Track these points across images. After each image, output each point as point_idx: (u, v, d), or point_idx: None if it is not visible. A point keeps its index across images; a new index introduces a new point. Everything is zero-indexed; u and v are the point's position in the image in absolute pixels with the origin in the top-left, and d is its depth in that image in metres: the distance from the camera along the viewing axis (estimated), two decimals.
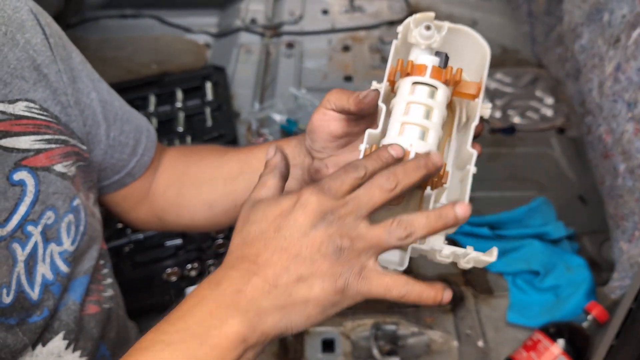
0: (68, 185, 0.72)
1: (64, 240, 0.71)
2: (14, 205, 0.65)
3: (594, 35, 1.08)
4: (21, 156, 0.66)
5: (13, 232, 0.65)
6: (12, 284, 0.64)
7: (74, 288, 0.75)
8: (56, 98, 0.71)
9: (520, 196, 1.49)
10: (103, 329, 0.81)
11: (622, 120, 0.95)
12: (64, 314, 0.74)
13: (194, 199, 0.88)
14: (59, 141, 0.71)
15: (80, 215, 0.74)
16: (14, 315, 0.64)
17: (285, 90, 1.84)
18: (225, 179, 0.86)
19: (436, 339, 1.19)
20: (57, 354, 0.72)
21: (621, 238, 0.93)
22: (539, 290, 1.23)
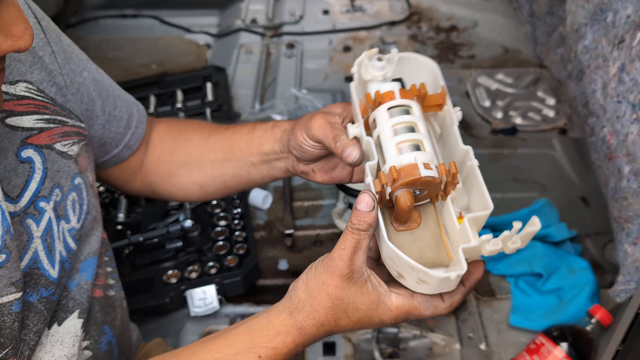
0: (69, 164, 0.74)
1: (71, 218, 0.74)
2: (25, 182, 0.67)
3: (597, 36, 1.07)
4: (26, 134, 0.69)
5: (26, 208, 0.67)
6: (22, 258, 0.65)
7: (85, 268, 0.78)
8: (51, 80, 0.73)
9: (522, 197, 1.48)
10: (107, 315, 0.83)
11: (627, 121, 0.94)
12: (78, 293, 0.76)
13: (185, 178, 0.92)
14: (56, 121, 0.73)
15: (83, 194, 0.77)
16: (28, 291, 0.65)
17: (285, 90, 1.84)
18: (212, 162, 0.89)
19: (438, 342, 1.18)
20: (74, 333, 0.74)
21: (626, 241, 0.92)
22: (542, 292, 1.22)
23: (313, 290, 0.64)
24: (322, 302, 0.64)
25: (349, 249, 0.62)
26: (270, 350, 0.64)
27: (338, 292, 0.63)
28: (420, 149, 0.62)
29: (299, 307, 0.64)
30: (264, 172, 0.87)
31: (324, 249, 1.38)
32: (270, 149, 0.84)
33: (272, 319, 0.65)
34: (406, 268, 0.60)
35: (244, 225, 1.37)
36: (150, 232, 1.33)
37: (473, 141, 1.66)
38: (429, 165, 0.61)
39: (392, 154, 0.62)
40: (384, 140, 0.63)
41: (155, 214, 1.41)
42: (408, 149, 0.62)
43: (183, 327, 1.21)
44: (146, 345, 1.07)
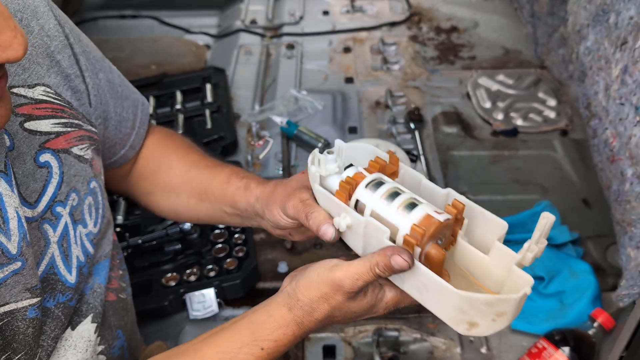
0: (85, 167, 0.74)
1: (88, 222, 0.74)
2: (43, 187, 0.67)
3: (600, 37, 1.06)
4: (44, 139, 0.69)
5: (43, 213, 0.67)
6: (40, 264, 0.65)
7: (98, 271, 0.78)
8: (67, 84, 0.73)
9: (524, 199, 1.47)
10: (120, 319, 0.83)
11: (630, 124, 0.94)
12: (91, 297, 0.75)
13: (162, 202, 0.94)
14: (73, 125, 0.73)
15: (98, 198, 0.77)
16: (45, 297, 0.65)
17: (285, 91, 1.83)
18: (188, 196, 0.91)
19: (439, 345, 1.18)
20: (87, 338, 0.73)
21: (629, 245, 0.92)
22: (543, 296, 1.21)
23: (314, 297, 0.67)
24: (322, 308, 0.67)
25: (361, 281, 0.65)
26: (272, 343, 0.67)
27: (339, 305, 0.67)
28: (418, 204, 0.64)
29: (298, 306, 0.68)
30: (237, 221, 0.89)
31: (324, 251, 1.37)
32: (244, 208, 0.84)
33: (272, 312, 0.68)
34: (482, 309, 0.59)
35: (243, 228, 1.36)
36: (149, 234, 1.32)
37: (474, 143, 1.65)
38: (439, 211, 0.63)
39: (400, 218, 0.64)
40: (383, 212, 0.65)
41: (154, 217, 1.39)
42: (410, 208, 0.64)
43: (182, 330, 1.20)
44: (147, 348, 1.07)
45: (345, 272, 0.65)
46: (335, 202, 0.67)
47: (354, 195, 0.67)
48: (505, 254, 0.63)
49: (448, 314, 0.61)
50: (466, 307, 0.59)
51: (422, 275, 0.60)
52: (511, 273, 0.63)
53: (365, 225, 0.64)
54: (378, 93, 1.83)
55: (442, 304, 0.61)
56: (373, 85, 1.86)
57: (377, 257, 0.63)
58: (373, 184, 0.67)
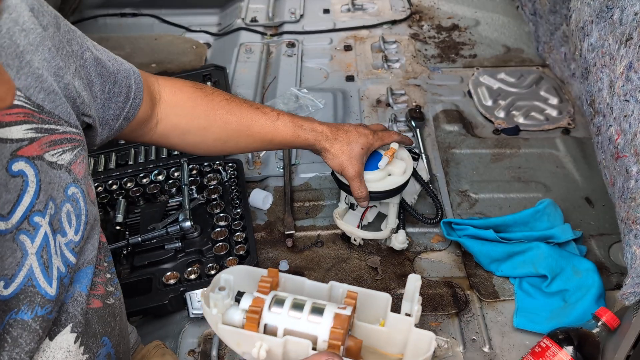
0: (59, 174, 0.71)
1: (67, 231, 0.71)
2: (17, 197, 0.64)
3: (604, 34, 1.05)
4: (16, 146, 0.65)
5: (19, 224, 0.64)
6: (16, 276, 0.63)
7: (79, 279, 0.75)
8: (39, 85, 0.70)
9: (526, 198, 1.47)
10: (106, 325, 0.80)
11: (635, 120, 0.93)
12: (71, 306, 0.73)
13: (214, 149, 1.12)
14: (42, 130, 0.70)
15: (79, 205, 0.74)
16: (22, 309, 0.63)
17: (286, 89, 1.82)
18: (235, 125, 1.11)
19: (441, 344, 1.17)
20: (66, 349, 0.71)
21: (634, 243, 0.91)
22: (546, 294, 1.20)
23: None
24: None
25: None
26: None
27: None
28: (322, 307, 0.70)
29: None
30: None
31: (325, 249, 1.36)
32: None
33: None
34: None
35: (244, 226, 1.35)
36: (149, 232, 1.31)
37: (475, 141, 1.65)
38: (340, 306, 0.70)
39: (314, 326, 0.69)
40: (295, 326, 0.69)
41: (154, 215, 1.39)
42: (319, 313, 0.69)
43: (183, 329, 1.19)
44: (144, 348, 1.06)
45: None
46: (247, 334, 0.69)
47: (262, 320, 0.69)
48: (400, 319, 0.74)
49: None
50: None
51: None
52: (412, 333, 0.73)
53: (284, 345, 0.67)
54: (379, 91, 1.82)
55: None
56: (374, 84, 1.86)
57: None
58: (274, 303, 0.70)
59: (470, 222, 1.33)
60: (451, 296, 1.24)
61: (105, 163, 1.54)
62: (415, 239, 1.38)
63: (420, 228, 1.40)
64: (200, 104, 1.07)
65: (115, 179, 1.47)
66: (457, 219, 1.37)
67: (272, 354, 0.68)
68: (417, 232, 1.39)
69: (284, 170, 1.56)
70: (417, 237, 1.38)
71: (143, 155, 1.55)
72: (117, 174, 1.50)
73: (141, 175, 1.48)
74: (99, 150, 1.58)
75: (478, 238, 1.29)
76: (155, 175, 1.47)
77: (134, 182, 1.46)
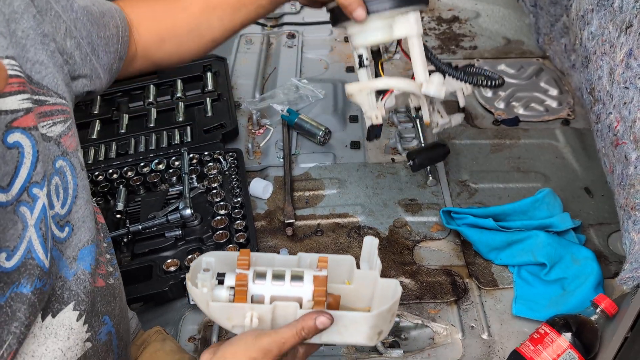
0: (49, 146, 0.70)
1: (55, 204, 0.70)
2: (14, 169, 0.63)
3: (604, 22, 1.06)
4: (11, 117, 0.63)
5: (18, 196, 0.63)
6: (18, 248, 0.63)
7: (83, 257, 0.75)
8: (24, 55, 0.68)
9: (525, 188, 1.47)
10: (107, 305, 0.81)
11: (634, 107, 0.93)
12: (74, 284, 0.73)
13: (195, 43, 1.04)
14: (34, 101, 0.68)
15: (67, 178, 0.73)
16: (22, 282, 0.63)
17: (286, 80, 1.82)
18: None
19: (440, 331, 1.17)
20: (68, 326, 0.71)
21: (632, 229, 0.91)
22: (545, 282, 1.21)
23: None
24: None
25: (288, 345, 0.72)
26: None
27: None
28: (301, 273, 0.75)
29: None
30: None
31: (325, 238, 1.36)
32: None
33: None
34: (385, 316, 0.74)
35: (244, 214, 1.36)
36: (150, 220, 1.31)
37: (475, 131, 1.65)
38: (316, 270, 0.75)
39: (298, 290, 0.74)
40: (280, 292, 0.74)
41: (155, 203, 1.39)
42: (299, 279, 0.74)
43: (183, 316, 1.20)
44: (145, 333, 1.06)
45: (272, 338, 0.71)
46: (238, 307, 0.73)
47: (249, 293, 0.74)
48: (365, 274, 0.80)
49: (365, 335, 0.74)
50: (377, 322, 0.73)
51: (343, 319, 0.73)
52: (377, 284, 0.78)
53: (273, 310, 0.73)
54: None
55: (360, 331, 0.74)
56: None
57: (301, 323, 0.72)
58: (257, 277, 0.75)
59: (469, 211, 1.33)
60: (450, 284, 1.25)
61: (105, 152, 1.54)
62: (414, 228, 1.38)
63: (419, 217, 1.40)
64: (159, 8, 1.03)
65: (115, 167, 1.48)
66: (457, 207, 1.37)
67: (263, 320, 0.73)
68: (417, 222, 1.40)
69: (284, 160, 1.56)
70: (417, 227, 1.38)
71: (143, 144, 1.55)
72: (118, 163, 1.50)
73: (141, 164, 1.48)
74: (100, 140, 1.59)
75: (477, 227, 1.30)
76: (156, 164, 1.48)
77: (135, 171, 1.46)
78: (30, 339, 0.67)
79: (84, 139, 1.59)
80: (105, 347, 0.80)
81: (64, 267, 0.72)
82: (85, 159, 1.52)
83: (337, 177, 1.51)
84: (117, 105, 1.71)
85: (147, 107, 1.69)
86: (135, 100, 1.73)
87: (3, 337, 0.61)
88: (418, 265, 1.29)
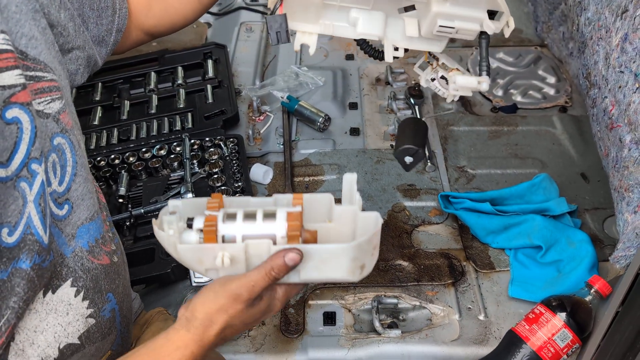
0: (46, 123, 0.70)
1: (52, 181, 0.71)
2: (14, 144, 0.63)
3: (600, 7, 1.07)
4: (9, 93, 0.63)
5: (18, 171, 0.63)
6: (19, 224, 0.63)
7: (81, 235, 0.76)
8: (20, 30, 0.68)
9: (522, 173, 1.49)
10: (111, 282, 0.82)
11: (629, 91, 0.95)
12: (72, 261, 0.74)
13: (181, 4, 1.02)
14: (28, 77, 0.68)
15: (66, 155, 0.73)
16: (22, 258, 0.63)
17: (286, 67, 1.83)
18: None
19: (437, 312, 1.19)
20: (67, 302, 0.73)
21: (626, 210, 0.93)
22: (541, 264, 1.23)
23: (211, 310, 0.69)
24: (220, 319, 0.70)
25: (258, 287, 0.69)
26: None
27: (238, 314, 0.70)
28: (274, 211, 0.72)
29: (196, 324, 0.69)
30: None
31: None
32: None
33: (170, 336, 0.70)
34: (366, 248, 0.70)
35: None
36: (152, 204, 1.33)
37: (473, 118, 1.66)
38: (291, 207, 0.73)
39: (271, 226, 0.70)
40: (252, 231, 0.71)
41: (157, 188, 1.41)
42: (271, 216, 0.71)
43: (185, 297, 1.22)
44: (147, 313, 1.08)
45: (241, 282, 0.68)
46: (208, 247, 0.69)
47: (219, 233, 0.70)
48: (345, 210, 0.76)
49: (346, 269, 0.70)
50: (358, 254, 0.69)
51: (320, 253, 0.69)
52: (358, 219, 0.74)
53: (246, 249, 0.69)
54: (378, 70, 1.84)
55: (340, 264, 0.70)
56: (373, 62, 1.87)
57: (270, 262, 0.68)
58: (227, 217, 0.71)
59: (467, 195, 1.35)
60: (448, 267, 1.27)
61: (107, 138, 1.56)
62: (413, 212, 1.40)
63: (418, 202, 1.42)
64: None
65: (117, 153, 1.49)
66: (455, 192, 1.39)
67: (236, 260, 0.70)
68: (415, 206, 1.41)
69: (284, 146, 1.57)
70: (415, 211, 1.40)
71: (145, 130, 1.57)
72: (120, 148, 1.52)
73: (143, 149, 1.49)
74: (102, 126, 1.60)
75: (475, 211, 1.32)
76: (157, 149, 1.49)
77: (136, 157, 1.48)
78: (33, 314, 0.68)
79: (86, 126, 1.60)
80: (108, 323, 0.82)
81: (63, 244, 0.73)
82: (88, 144, 1.53)
83: (337, 162, 1.53)
84: (118, 92, 1.72)
85: (149, 94, 1.70)
86: (136, 87, 1.74)
87: (2, 311, 0.62)
88: (416, 248, 1.32)
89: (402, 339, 1.14)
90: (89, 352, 0.77)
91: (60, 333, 0.72)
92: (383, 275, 1.26)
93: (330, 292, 1.22)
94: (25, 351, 0.67)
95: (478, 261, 1.28)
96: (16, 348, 0.65)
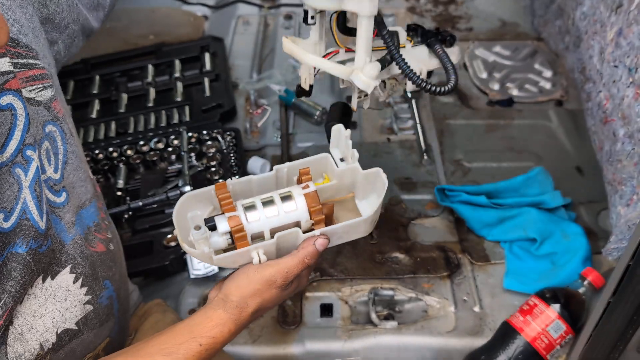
0: (37, 110, 0.71)
1: (47, 168, 0.72)
2: (8, 131, 0.64)
3: (595, 2, 1.08)
4: (2, 79, 0.64)
5: (13, 157, 0.65)
6: (14, 209, 0.64)
7: (80, 222, 0.77)
8: (12, 17, 0.69)
9: (518, 167, 1.50)
10: (108, 270, 0.84)
11: (623, 85, 0.96)
12: (71, 248, 0.75)
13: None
14: (19, 65, 0.69)
15: (57, 143, 0.74)
16: (17, 242, 0.65)
17: (283, 61, 1.83)
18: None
19: (433, 304, 1.21)
20: (65, 288, 0.74)
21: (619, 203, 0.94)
22: (536, 257, 1.24)
23: (246, 294, 0.74)
24: (254, 302, 0.75)
25: (292, 274, 0.74)
26: (210, 339, 0.72)
27: (271, 298, 0.76)
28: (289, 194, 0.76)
29: (233, 306, 0.74)
30: None
31: None
32: None
33: (210, 314, 0.74)
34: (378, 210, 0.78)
35: None
36: (150, 197, 1.34)
37: (470, 112, 1.67)
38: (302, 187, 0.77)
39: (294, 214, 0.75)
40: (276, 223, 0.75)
41: (155, 181, 1.42)
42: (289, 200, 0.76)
43: (183, 289, 1.23)
44: (146, 305, 1.09)
45: (275, 269, 0.74)
46: (242, 252, 0.74)
47: (248, 234, 0.74)
48: (346, 169, 0.81)
49: (364, 231, 0.79)
50: (375, 217, 0.78)
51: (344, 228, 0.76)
52: (358, 174, 0.81)
53: (277, 243, 0.74)
54: None
55: (359, 230, 0.79)
56: None
57: (302, 251, 0.75)
58: (248, 212, 0.75)
59: (463, 188, 1.36)
60: (443, 259, 1.28)
61: (105, 131, 1.56)
62: (409, 205, 1.41)
63: (414, 195, 1.43)
64: None
65: (115, 146, 1.50)
66: (451, 185, 1.40)
67: (269, 253, 0.75)
68: (412, 200, 1.43)
69: (281, 140, 1.58)
70: (412, 204, 1.41)
71: (143, 123, 1.58)
72: (118, 141, 1.52)
73: (141, 142, 1.50)
74: (99, 119, 1.61)
75: (470, 204, 1.33)
76: (155, 143, 1.50)
77: (134, 150, 1.48)
78: (32, 299, 0.70)
79: (84, 118, 1.60)
80: (106, 310, 0.83)
81: (62, 231, 0.74)
82: (85, 137, 1.54)
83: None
84: (116, 85, 1.73)
85: (146, 87, 1.70)
86: (133, 80, 1.74)
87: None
88: (412, 241, 1.33)
89: (399, 330, 1.16)
90: (87, 339, 0.79)
91: (59, 318, 0.73)
92: (379, 267, 1.27)
93: (327, 284, 1.24)
94: (24, 335, 0.68)
95: (473, 254, 1.30)
96: (15, 332, 0.66)
